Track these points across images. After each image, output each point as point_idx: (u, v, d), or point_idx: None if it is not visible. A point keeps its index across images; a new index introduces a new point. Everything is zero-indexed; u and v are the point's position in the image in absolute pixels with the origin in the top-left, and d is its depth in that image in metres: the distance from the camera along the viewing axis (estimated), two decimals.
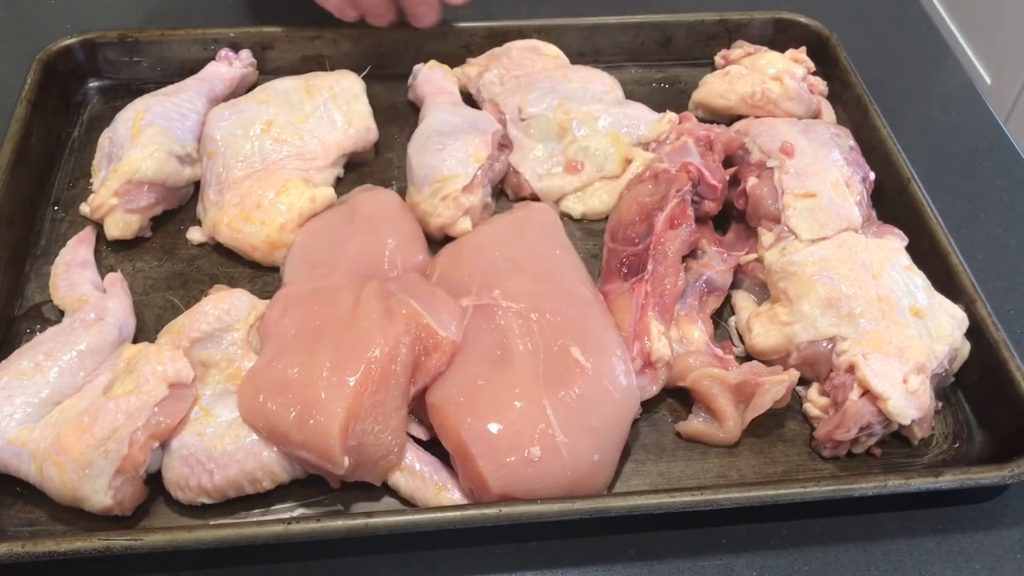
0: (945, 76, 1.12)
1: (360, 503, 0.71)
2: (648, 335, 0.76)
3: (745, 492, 0.68)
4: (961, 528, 0.72)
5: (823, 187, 0.82)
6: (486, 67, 1.01)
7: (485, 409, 0.69)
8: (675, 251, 0.81)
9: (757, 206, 0.84)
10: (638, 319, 0.77)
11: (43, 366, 0.72)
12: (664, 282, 0.79)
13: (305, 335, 0.72)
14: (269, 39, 1.02)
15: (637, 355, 0.75)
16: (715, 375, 0.74)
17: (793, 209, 0.81)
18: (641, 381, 0.75)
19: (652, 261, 0.80)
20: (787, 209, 0.81)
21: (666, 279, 0.80)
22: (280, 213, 0.84)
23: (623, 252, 0.82)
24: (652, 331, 0.76)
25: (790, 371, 0.74)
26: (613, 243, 0.84)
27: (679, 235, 0.82)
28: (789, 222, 0.81)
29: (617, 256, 0.82)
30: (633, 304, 0.78)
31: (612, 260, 0.83)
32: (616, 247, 0.83)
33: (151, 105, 0.89)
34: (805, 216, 0.81)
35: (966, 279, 0.81)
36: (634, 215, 0.83)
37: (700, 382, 0.75)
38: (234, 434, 0.69)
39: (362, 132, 0.93)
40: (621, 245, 0.83)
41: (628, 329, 0.76)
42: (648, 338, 0.76)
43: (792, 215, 0.81)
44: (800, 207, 0.82)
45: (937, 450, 0.76)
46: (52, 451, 0.66)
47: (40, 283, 0.83)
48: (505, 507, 0.65)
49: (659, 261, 0.80)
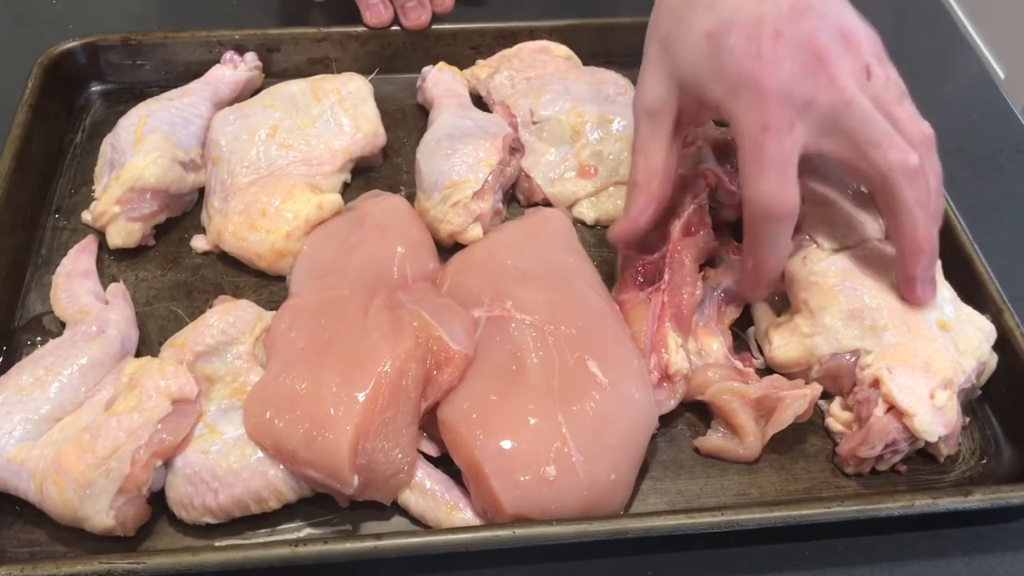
0: (966, 75, 1.10)
1: (369, 523, 0.69)
2: (665, 347, 0.74)
3: (767, 513, 0.66)
4: (991, 549, 0.69)
5: (845, 194, 0.80)
6: (496, 69, 0.99)
7: (499, 426, 0.67)
8: (692, 259, 0.79)
9: None
10: (655, 330, 0.75)
11: (43, 381, 0.70)
12: (681, 291, 0.77)
13: (313, 348, 0.70)
14: (275, 41, 1.00)
15: (654, 368, 0.73)
16: (735, 389, 0.72)
17: (813, 217, 0.79)
18: (658, 395, 0.72)
19: (668, 270, 0.78)
20: (807, 217, 0.79)
21: (683, 288, 0.77)
22: (286, 221, 0.82)
23: (638, 260, 0.80)
24: (670, 343, 0.74)
25: (812, 385, 0.72)
26: (628, 250, 0.82)
27: (696, 243, 0.80)
28: (810, 231, 0.78)
29: (632, 264, 0.80)
30: (649, 315, 0.76)
31: (627, 268, 0.80)
32: (631, 254, 0.81)
33: (154, 110, 0.87)
34: (826, 225, 0.78)
35: (992, 288, 0.79)
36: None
37: (719, 396, 0.72)
38: (239, 452, 0.67)
39: (370, 136, 0.91)
40: (636, 253, 0.81)
41: (644, 341, 0.74)
42: (665, 350, 0.73)
43: (812, 223, 0.79)
44: (821, 215, 0.79)
45: (964, 466, 0.73)
46: (52, 470, 0.64)
47: (41, 293, 0.81)
48: (519, 528, 0.63)
49: (676, 270, 0.78)
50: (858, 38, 0.68)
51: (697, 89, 0.70)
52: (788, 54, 0.65)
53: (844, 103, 0.66)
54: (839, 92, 0.66)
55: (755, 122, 0.65)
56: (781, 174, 0.66)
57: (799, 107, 0.65)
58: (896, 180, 0.67)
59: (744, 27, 0.66)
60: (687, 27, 0.69)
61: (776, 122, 0.65)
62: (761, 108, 0.65)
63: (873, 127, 0.66)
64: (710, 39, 0.68)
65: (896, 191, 0.67)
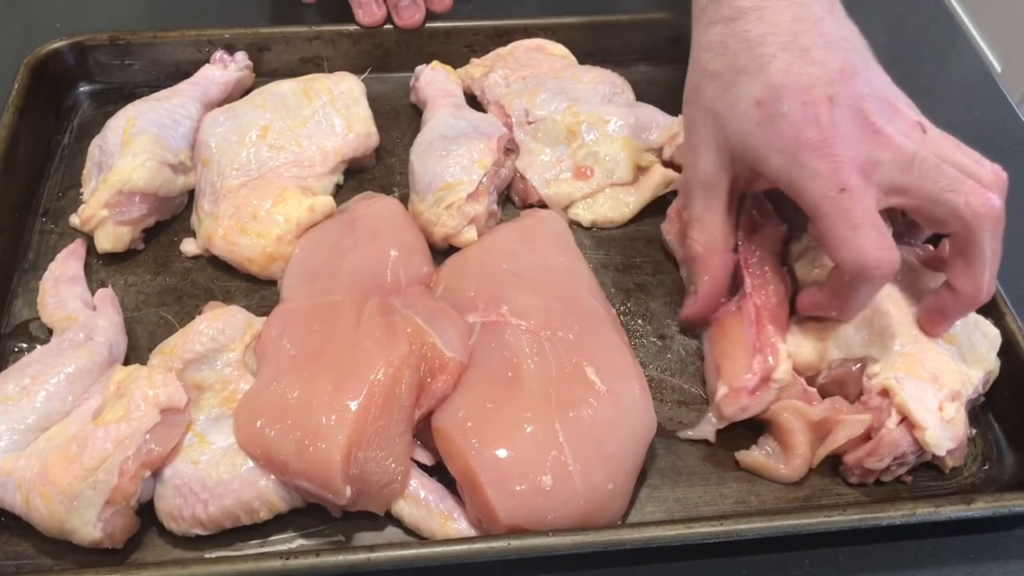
0: (964, 70, 1.09)
1: (362, 533, 0.68)
2: (774, 351, 0.70)
3: (767, 522, 0.64)
4: (993, 557, 0.68)
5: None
6: (491, 68, 0.98)
7: (494, 434, 0.66)
8: (768, 253, 0.76)
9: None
10: (757, 333, 0.72)
11: (30, 390, 0.69)
12: (769, 290, 0.74)
13: (305, 356, 0.69)
14: (265, 40, 0.99)
15: (757, 370, 0.70)
16: (798, 408, 0.70)
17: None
18: (747, 399, 0.70)
19: (747, 273, 0.75)
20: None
21: (768, 287, 0.74)
22: (277, 224, 0.81)
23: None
24: (780, 349, 0.71)
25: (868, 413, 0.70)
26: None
27: (766, 236, 0.77)
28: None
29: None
30: (745, 321, 0.73)
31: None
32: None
33: (142, 112, 0.85)
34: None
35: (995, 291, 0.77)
36: None
37: (781, 414, 0.70)
38: (230, 462, 0.66)
39: (362, 137, 0.90)
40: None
41: (743, 348, 0.72)
42: (773, 355, 0.70)
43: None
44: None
45: (966, 473, 0.72)
46: (38, 481, 0.63)
47: (28, 299, 0.80)
48: (514, 539, 0.62)
49: (754, 272, 0.75)
50: (899, 98, 0.68)
51: (752, 160, 0.68)
52: (845, 117, 0.64)
53: (909, 159, 0.64)
54: (901, 149, 0.64)
55: (830, 186, 0.63)
56: (879, 230, 0.64)
57: (867, 169, 0.64)
58: (980, 225, 0.65)
59: (796, 93, 0.65)
60: (735, 96, 0.68)
61: (853, 181, 0.63)
62: (834, 172, 0.63)
63: (944, 175, 0.65)
64: (760, 107, 0.66)
65: (978, 237, 0.65)
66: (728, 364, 0.72)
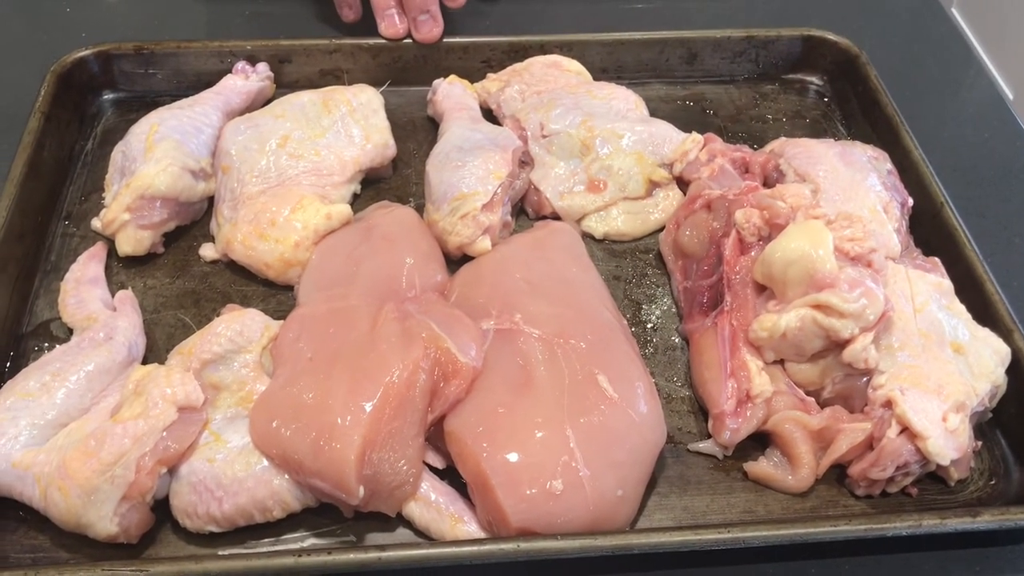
0: (978, 96, 1.10)
1: (374, 534, 0.68)
2: (746, 371, 0.72)
3: (774, 530, 0.65)
4: (998, 570, 0.69)
5: (860, 213, 0.79)
6: (507, 82, 0.99)
7: (506, 438, 0.66)
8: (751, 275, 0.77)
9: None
10: (730, 355, 0.73)
11: (50, 387, 0.70)
12: (747, 310, 0.75)
13: (321, 358, 0.70)
14: (287, 52, 1.01)
15: (732, 394, 0.72)
16: (798, 419, 0.71)
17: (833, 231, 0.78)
18: (732, 422, 0.71)
19: (728, 292, 0.76)
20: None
21: (748, 307, 0.76)
22: (295, 230, 0.82)
23: (699, 287, 0.79)
24: (750, 366, 0.72)
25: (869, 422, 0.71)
26: (687, 280, 0.81)
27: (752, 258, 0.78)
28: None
29: (693, 293, 0.79)
30: (718, 339, 0.74)
31: (690, 298, 0.80)
32: (692, 284, 0.80)
33: (165, 119, 0.87)
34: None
35: (1002, 308, 0.78)
36: (703, 247, 0.80)
37: (781, 425, 0.71)
38: (245, 460, 0.67)
39: (380, 148, 0.91)
40: (696, 280, 0.80)
41: (717, 367, 0.73)
42: (746, 374, 0.72)
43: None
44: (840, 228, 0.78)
45: (973, 487, 0.73)
46: (57, 475, 0.64)
47: (49, 299, 0.81)
48: (524, 542, 0.63)
49: (736, 291, 0.76)
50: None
51: None
52: None
53: None
54: None
55: None
56: None
57: None
58: None
59: None
60: None
61: None
62: None
63: None
64: None
65: None
66: (709, 389, 0.73)
